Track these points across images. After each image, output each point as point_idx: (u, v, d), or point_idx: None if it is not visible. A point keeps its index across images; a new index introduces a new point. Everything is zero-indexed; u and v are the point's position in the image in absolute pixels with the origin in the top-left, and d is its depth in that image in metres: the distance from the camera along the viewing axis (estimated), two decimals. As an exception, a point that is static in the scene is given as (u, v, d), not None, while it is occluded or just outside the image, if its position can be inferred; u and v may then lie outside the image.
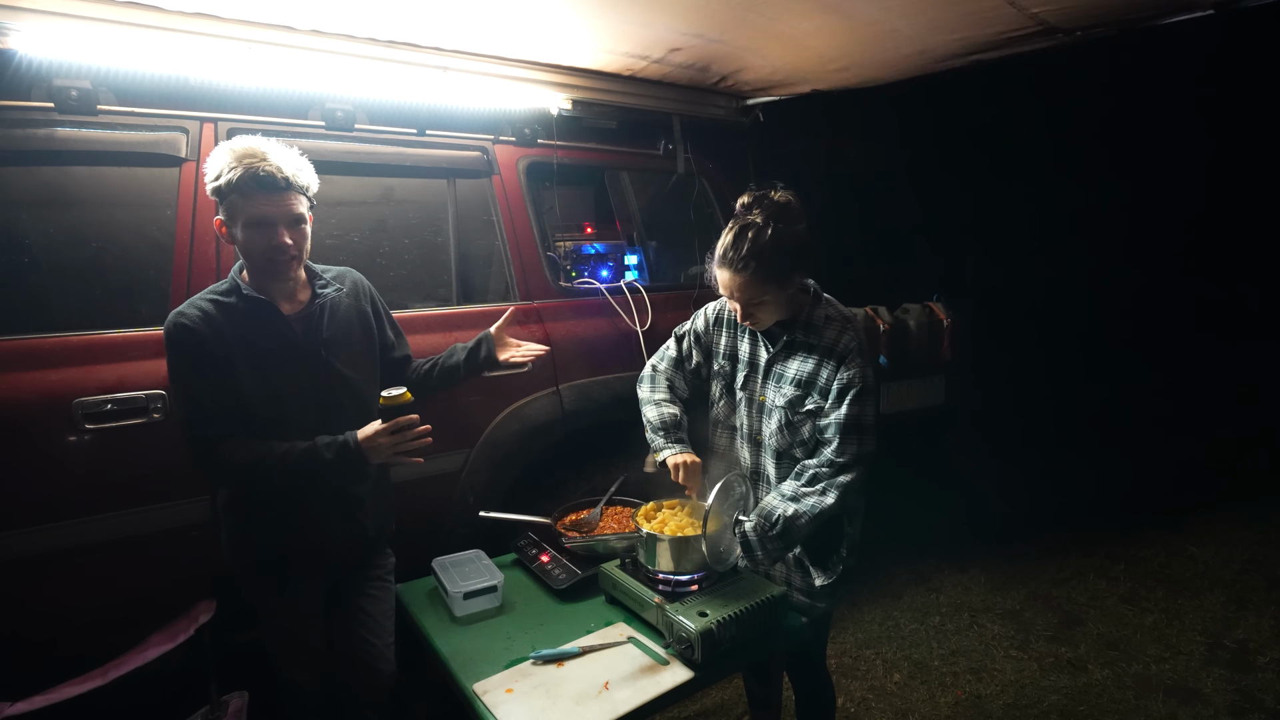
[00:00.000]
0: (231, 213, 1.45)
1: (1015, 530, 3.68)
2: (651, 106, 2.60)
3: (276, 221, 1.44)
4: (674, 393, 1.79)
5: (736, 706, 2.36)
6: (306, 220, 1.51)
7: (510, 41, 2.08)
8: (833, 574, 1.64)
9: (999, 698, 2.41)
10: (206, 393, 1.44)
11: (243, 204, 1.43)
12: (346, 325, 1.62)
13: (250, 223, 1.44)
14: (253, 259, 1.48)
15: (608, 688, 1.36)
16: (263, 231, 1.44)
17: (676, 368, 1.83)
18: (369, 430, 1.47)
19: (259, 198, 1.42)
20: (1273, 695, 2.39)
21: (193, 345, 1.43)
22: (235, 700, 1.73)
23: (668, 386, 1.80)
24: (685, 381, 1.83)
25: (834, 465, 1.51)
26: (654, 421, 1.73)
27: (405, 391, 1.49)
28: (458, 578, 1.68)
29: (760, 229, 1.48)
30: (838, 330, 1.56)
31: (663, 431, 1.71)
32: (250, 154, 1.42)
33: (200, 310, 1.45)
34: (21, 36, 1.59)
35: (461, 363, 1.82)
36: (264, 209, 1.43)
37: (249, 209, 1.43)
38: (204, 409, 1.43)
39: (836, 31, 2.03)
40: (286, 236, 1.45)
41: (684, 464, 1.65)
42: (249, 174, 1.40)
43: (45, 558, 1.65)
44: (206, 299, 1.48)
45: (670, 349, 1.84)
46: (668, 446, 1.68)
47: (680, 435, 1.72)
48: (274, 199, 1.43)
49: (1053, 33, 1.95)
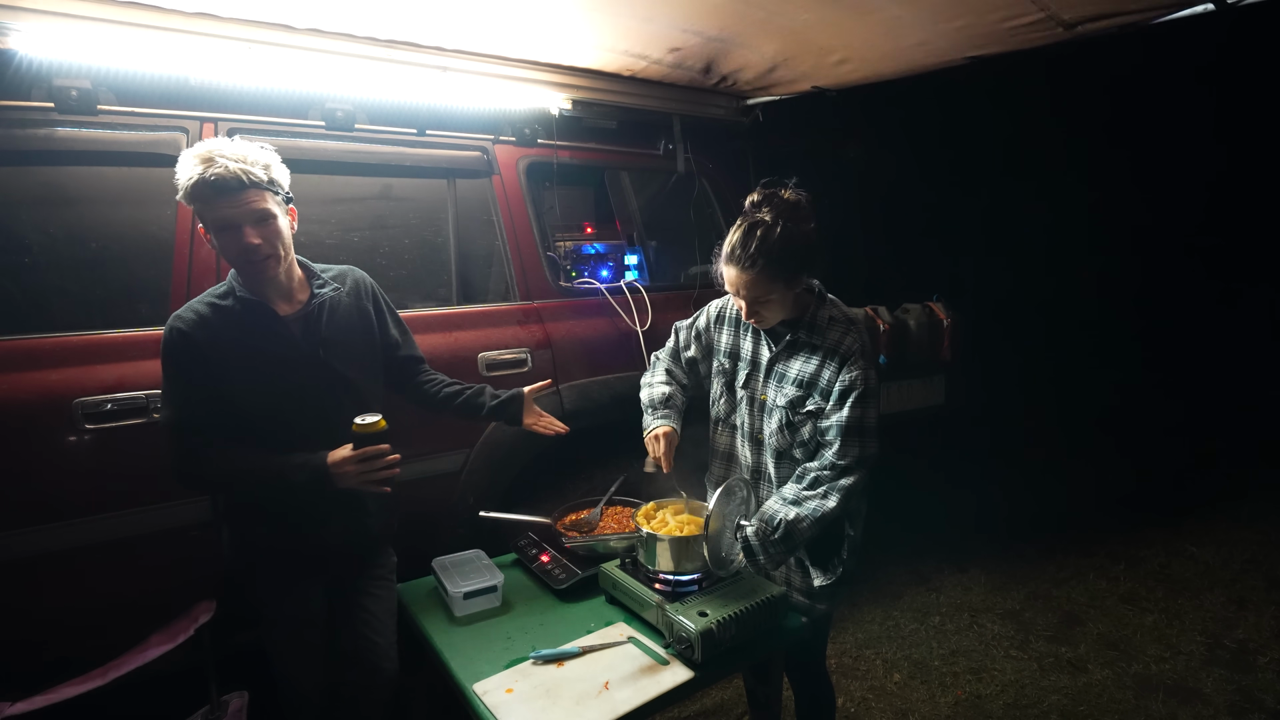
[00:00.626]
0: (201, 220, 1.42)
1: (1015, 530, 3.69)
2: (651, 106, 2.60)
3: (241, 222, 1.40)
4: (670, 376, 1.83)
5: (736, 706, 2.36)
6: (276, 216, 1.45)
7: (510, 41, 2.07)
8: (832, 575, 1.63)
9: (999, 698, 2.42)
10: (192, 400, 1.43)
11: (205, 210, 1.40)
12: (346, 325, 1.61)
13: (217, 227, 1.41)
14: (232, 262, 1.47)
15: (608, 688, 1.36)
16: (230, 235, 1.41)
17: (674, 357, 1.87)
18: (339, 455, 1.44)
19: (217, 202, 1.38)
20: (1273, 695, 2.39)
21: (183, 350, 1.42)
22: (235, 700, 1.73)
23: (665, 371, 1.84)
24: (683, 369, 1.86)
25: (835, 468, 1.51)
26: (644, 402, 1.79)
27: (379, 420, 1.45)
28: (458, 578, 1.68)
29: (769, 227, 1.47)
30: (841, 331, 1.55)
31: (650, 409, 1.76)
32: (205, 157, 1.37)
33: (196, 314, 1.45)
34: (21, 36, 1.59)
35: (488, 409, 1.83)
36: (225, 212, 1.39)
37: (211, 214, 1.40)
38: (187, 416, 1.43)
39: (836, 23, 2.02)
40: (254, 236, 1.41)
41: (658, 435, 1.69)
42: (200, 179, 1.36)
43: (45, 558, 1.65)
44: (203, 302, 1.47)
45: (671, 340, 1.89)
46: (651, 423, 1.73)
47: (666, 411, 1.74)
48: (233, 200, 1.39)
49: (1053, 23, 1.94)
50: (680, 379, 1.84)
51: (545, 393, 2.30)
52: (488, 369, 2.22)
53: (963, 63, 2.31)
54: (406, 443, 2.03)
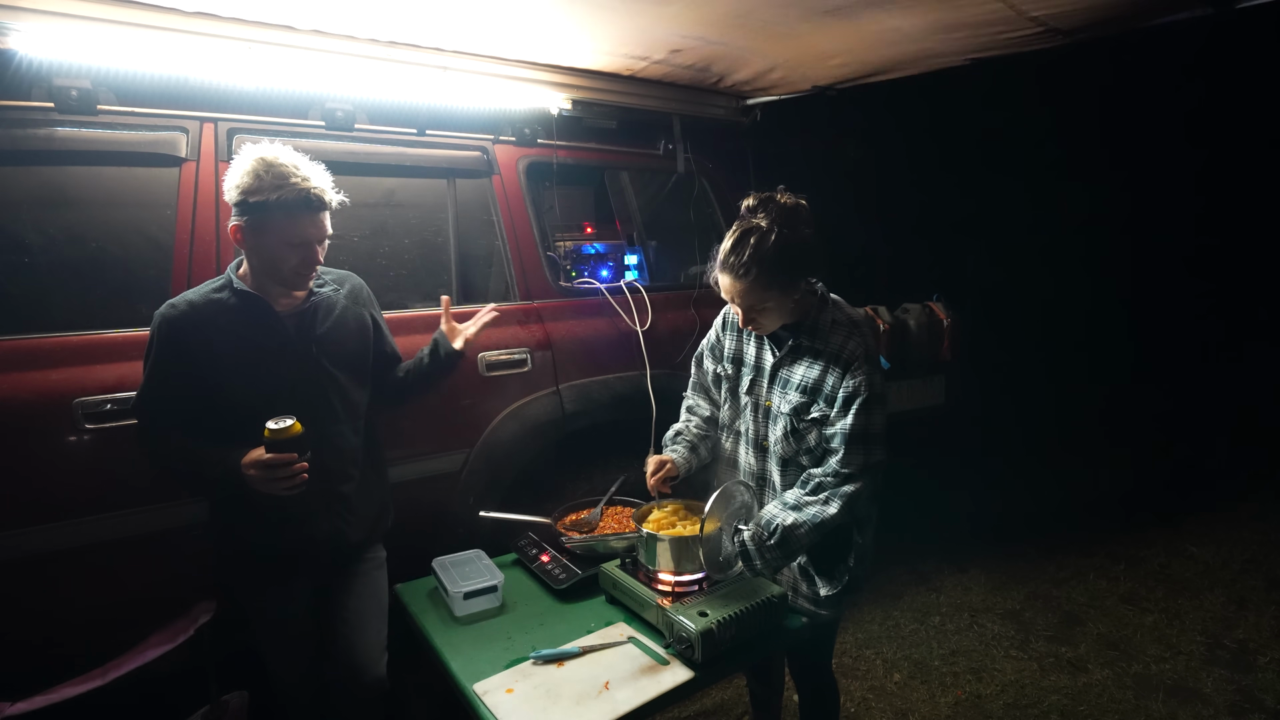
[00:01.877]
0: (264, 227, 1.43)
1: (1015, 530, 3.68)
2: (651, 106, 2.60)
3: (314, 240, 1.47)
4: (691, 413, 1.85)
5: (736, 706, 2.36)
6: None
7: (510, 42, 2.07)
8: (839, 584, 1.60)
9: (999, 698, 2.42)
10: (164, 383, 1.47)
11: (285, 223, 1.43)
12: (341, 325, 1.63)
13: (290, 242, 1.44)
14: (278, 272, 1.48)
15: (608, 688, 1.36)
16: (300, 250, 1.46)
17: (696, 390, 1.88)
18: (250, 457, 1.39)
19: (304, 218, 1.43)
20: (1273, 695, 2.39)
21: (164, 337, 1.46)
22: (235, 700, 1.73)
23: (686, 410, 1.87)
24: (710, 399, 1.85)
25: (839, 475, 1.48)
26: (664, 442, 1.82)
27: (294, 424, 1.38)
28: (458, 578, 1.68)
29: (764, 234, 1.45)
30: (844, 335, 1.52)
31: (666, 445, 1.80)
32: (294, 173, 1.41)
33: (188, 304, 1.48)
34: (21, 36, 1.59)
35: (426, 364, 1.79)
36: (307, 230, 1.45)
37: (291, 229, 1.43)
38: (155, 396, 1.47)
39: (836, 31, 2.03)
40: (320, 255, 1.50)
41: (653, 462, 1.71)
42: (299, 197, 1.40)
43: (45, 558, 1.65)
44: (198, 294, 1.51)
45: (692, 375, 1.89)
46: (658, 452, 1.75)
47: (673, 446, 1.78)
48: (316, 219, 1.46)
49: (1053, 33, 1.96)
50: (704, 412, 1.83)
51: (545, 393, 2.32)
52: (488, 369, 2.22)
53: (963, 64, 2.31)
54: (406, 443, 2.06)
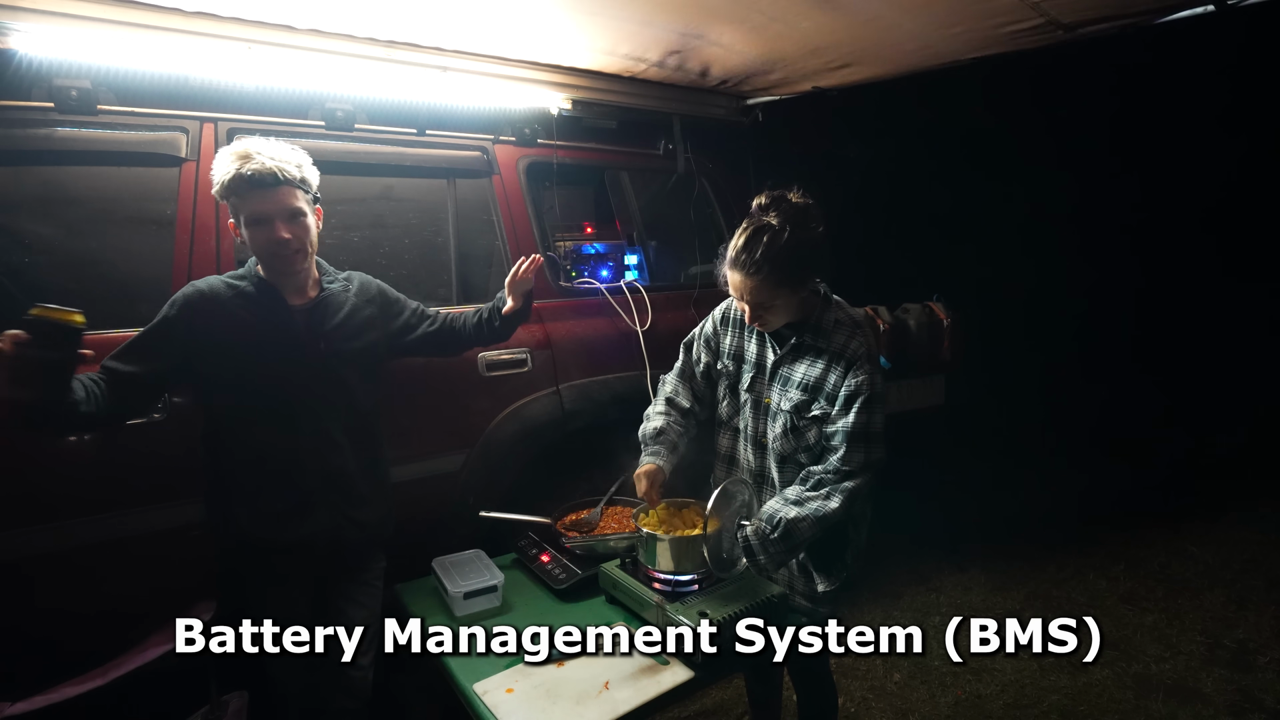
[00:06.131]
0: (234, 213, 1.52)
1: (1015, 530, 3.68)
2: (651, 107, 2.60)
3: (273, 217, 1.49)
4: (671, 405, 1.79)
5: (736, 706, 2.36)
6: (306, 214, 1.55)
7: (510, 42, 2.08)
8: (836, 580, 1.62)
9: (999, 698, 2.41)
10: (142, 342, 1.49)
11: (240, 204, 1.49)
12: (348, 322, 1.65)
13: (249, 220, 1.50)
14: (259, 255, 1.55)
15: (608, 687, 1.36)
16: (262, 228, 1.49)
17: (681, 377, 1.84)
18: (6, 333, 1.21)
19: (253, 195, 1.48)
20: (1273, 695, 2.39)
21: (176, 306, 1.51)
22: (235, 700, 1.72)
23: (665, 400, 1.81)
24: (692, 390, 1.82)
25: (840, 472, 1.49)
26: (639, 435, 1.77)
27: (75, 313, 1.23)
28: (458, 578, 1.68)
29: (776, 232, 1.45)
30: (846, 335, 1.53)
31: (642, 444, 1.75)
32: (243, 154, 1.47)
33: (210, 286, 1.55)
34: (21, 36, 1.59)
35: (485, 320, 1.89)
36: (259, 206, 1.48)
37: (246, 207, 1.49)
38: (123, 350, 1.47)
39: (837, 29, 2.03)
40: (285, 231, 1.50)
41: (640, 475, 1.67)
42: (239, 174, 1.46)
43: (45, 558, 1.65)
44: (222, 279, 1.57)
45: (679, 360, 1.85)
46: (641, 460, 1.71)
47: (655, 448, 1.72)
48: (268, 195, 1.48)
49: (1053, 27, 1.95)
50: (684, 404, 1.79)
51: (545, 393, 2.32)
52: (488, 369, 2.22)
53: (963, 62, 2.31)
54: (406, 443, 2.06)
